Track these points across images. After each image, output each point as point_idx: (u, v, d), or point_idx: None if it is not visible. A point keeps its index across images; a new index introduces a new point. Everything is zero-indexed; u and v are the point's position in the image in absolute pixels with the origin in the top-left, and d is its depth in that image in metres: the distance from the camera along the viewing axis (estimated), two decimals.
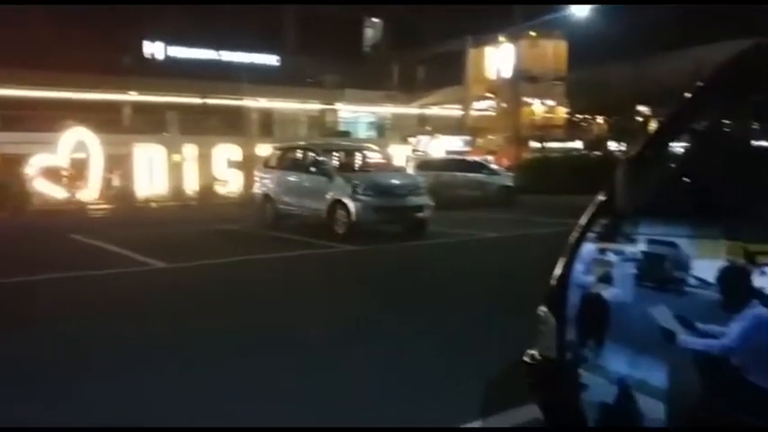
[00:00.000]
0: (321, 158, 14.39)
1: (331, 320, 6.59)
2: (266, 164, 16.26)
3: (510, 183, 23.33)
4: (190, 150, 24.20)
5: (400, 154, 27.17)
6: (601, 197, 2.72)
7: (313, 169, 14.45)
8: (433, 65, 44.34)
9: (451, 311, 6.91)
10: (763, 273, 2.17)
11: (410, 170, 22.25)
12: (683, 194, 2.54)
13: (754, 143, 2.66)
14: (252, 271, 9.90)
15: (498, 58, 40.79)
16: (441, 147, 32.74)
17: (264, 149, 20.84)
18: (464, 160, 25.86)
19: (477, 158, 27.46)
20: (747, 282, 2.21)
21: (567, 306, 2.80)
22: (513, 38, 31.28)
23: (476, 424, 4.02)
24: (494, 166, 26.12)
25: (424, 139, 34.89)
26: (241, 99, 33.42)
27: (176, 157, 23.94)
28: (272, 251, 11.48)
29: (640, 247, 2.54)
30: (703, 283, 2.33)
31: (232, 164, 24.40)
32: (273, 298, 7.83)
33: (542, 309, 2.99)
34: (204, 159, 24.60)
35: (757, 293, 2.19)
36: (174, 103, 32.44)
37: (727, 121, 2.55)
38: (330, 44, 38.28)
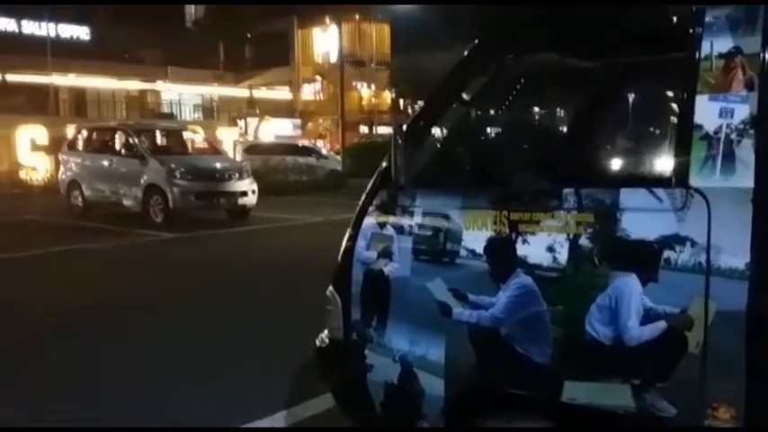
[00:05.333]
0: (133, 140, 13.41)
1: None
2: (71, 146, 14.87)
3: (339, 167, 23.41)
4: None
5: (228, 137, 26.31)
6: (381, 168, 2.62)
7: (124, 152, 13.45)
8: (260, 44, 43.29)
9: (269, 300, 6.71)
10: (524, 241, 2.18)
11: (238, 154, 21.57)
12: (453, 166, 2.52)
13: (511, 122, 2.70)
14: (54, 264, 8.99)
15: (325, 41, 40.77)
16: (270, 130, 32.11)
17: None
18: (293, 144, 25.60)
19: (306, 142, 27.31)
20: (511, 250, 2.21)
21: (350, 284, 2.69)
22: (338, 20, 31.37)
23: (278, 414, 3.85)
24: (323, 151, 26.09)
25: (252, 122, 34.04)
26: (48, 75, 30.40)
27: None
28: (77, 242, 10.51)
29: (416, 219, 2.48)
30: (473, 253, 2.31)
31: (38, 147, 22.18)
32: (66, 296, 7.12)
33: (330, 288, 2.86)
34: (4, 142, 22.20)
35: (521, 262, 2.19)
36: None
37: (483, 101, 2.55)
38: (148, 17, 35.71)
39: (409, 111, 43.43)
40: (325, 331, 2.93)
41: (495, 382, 2.34)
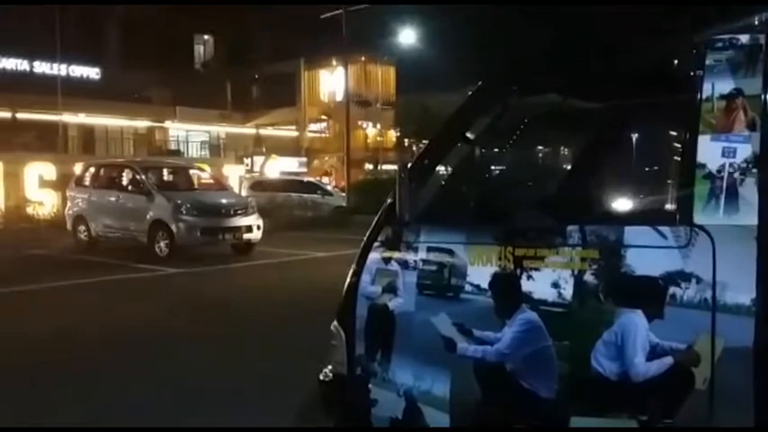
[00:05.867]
0: (140, 177, 13.53)
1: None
2: (79, 182, 14.99)
3: (343, 203, 23.52)
4: None
5: (234, 174, 26.52)
6: (386, 205, 2.65)
7: (131, 188, 13.57)
8: (267, 85, 43.95)
9: (273, 335, 6.68)
10: (530, 277, 2.20)
11: (244, 190, 21.71)
12: (458, 202, 2.55)
13: (515, 161, 2.74)
14: (53, 298, 8.99)
15: (331, 82, 41.41)
16: (276, 167, 32.40)
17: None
18: (298, 181, 25.79)
19: (311, 179, 27.52)
20: (516, 286, 2.22)
21: (355, 319, 2.69)
22: (344, 61, 31.95)
23: None
24: (328, 187, 26.25)
25: (258, 159, 34.36)
26: (58, 114, 30.83)
27: None
28: (82, 277, 10.53)
29: (421, 255, 2.49)
30: (478, 288, 2.32)
31: (46, 183, 22.37)
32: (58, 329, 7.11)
33: (334, 323, 2.86)
34: (13, 178, 22.42)
35: (526, 297, 2.20)
36: None
37: (487, 140, 2.59)
38: (158, 59, 36.37)
39: (414, 149, 43.83)
40: (329, 366, 2.92)
41: (501, 417, 2.32)
